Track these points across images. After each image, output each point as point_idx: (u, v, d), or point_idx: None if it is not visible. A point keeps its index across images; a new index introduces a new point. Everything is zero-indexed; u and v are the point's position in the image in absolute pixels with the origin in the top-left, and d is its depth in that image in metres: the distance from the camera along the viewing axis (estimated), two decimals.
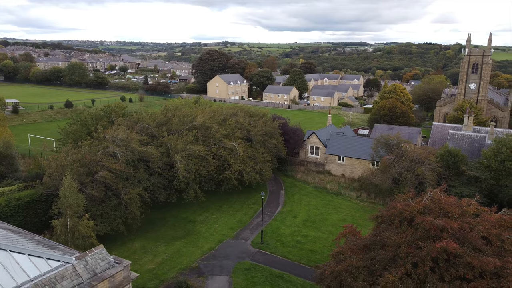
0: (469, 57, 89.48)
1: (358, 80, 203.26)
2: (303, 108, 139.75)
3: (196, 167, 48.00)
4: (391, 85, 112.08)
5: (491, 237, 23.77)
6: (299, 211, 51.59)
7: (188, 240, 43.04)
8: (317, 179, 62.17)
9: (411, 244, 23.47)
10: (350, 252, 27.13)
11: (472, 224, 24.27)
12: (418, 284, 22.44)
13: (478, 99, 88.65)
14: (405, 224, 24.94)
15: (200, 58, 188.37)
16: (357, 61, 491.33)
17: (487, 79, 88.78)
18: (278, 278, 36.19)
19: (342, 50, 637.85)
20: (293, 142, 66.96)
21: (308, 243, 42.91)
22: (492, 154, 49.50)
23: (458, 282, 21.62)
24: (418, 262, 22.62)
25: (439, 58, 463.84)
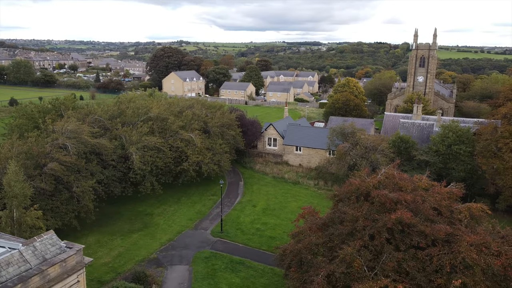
0: (416, 51, 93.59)
1: (313, 77, 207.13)
2: (260, 103, 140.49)
3: (153, 159, 46.77)
4: (345, 79, 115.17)
5: (442, 208, 24.87)
6: (258, 200, 51.66)
7: (146, 232, 41.88)
8: (276, 170, 62.59)
9: (367, 217, 24.05)
10: (309, 231, 27.41)
11: (424, 196, 25.27)
12: (375, 255, 23.04)
13: (425, 91, 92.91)
14: (362, 199, 25.56)
15: (155, 55, 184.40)
16: (311, 59, 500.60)
17: (433, 72, 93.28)
18: (239, 264, 36.02)
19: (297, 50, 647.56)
20: (251, 134, 67.01)
21: (268, 230, 43.03)
22: (440, 139, 51.93)
23: (413, 250, 22.41)
24: (375, 234, 23.24)
25: (389, 57, 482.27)
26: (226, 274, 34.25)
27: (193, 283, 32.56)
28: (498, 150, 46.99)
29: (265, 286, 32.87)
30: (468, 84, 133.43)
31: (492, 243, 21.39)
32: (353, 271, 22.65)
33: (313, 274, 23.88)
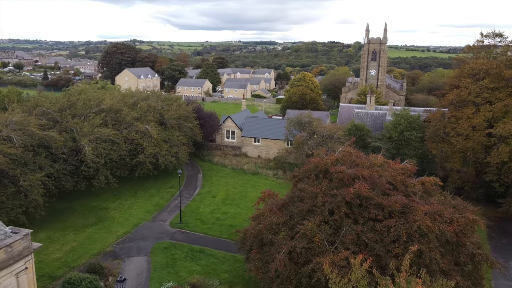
0: (368, 45, 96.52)
1: (269, 74, 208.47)
2: (218, 100, 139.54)
3: (106, 152, 45.02)
4: (300, 74, 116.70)
5: (397, 183, 25.58)
6: (217, 191, 51.11)
7: (101, 226, 40.22)
8: (234, 162, 62.27)
9: (327, 193, 24.28)
10: (269, 213, 27.35)
11: (380, 172, 25.89)
12: (335, 229, 23.32)
13: (378, 84, 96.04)
14: (321, 177, 25.79)
15: (107, 51, 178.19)
16: (267, 58, 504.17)
17: (385, 65, 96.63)
18: (199, 253, 35.40)
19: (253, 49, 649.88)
20: (209, 127, 66.25)
21: (228, 219, 42.63)
22: (392, 126, 53.72)
23: (371, 223, 22.88)
24: (334, 209, 23.50)
25: (342, 56, 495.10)
26: (186, 263, 33.52)
27: (152, 273, 31.60)
28: (446, 135, 49.21)
29: (227, 272, 32.48)
30: (417, 79, 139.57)
31: (445, 212, 22.26)
32: (314, 246, 22.82)
33: (274, 252, 23.82)
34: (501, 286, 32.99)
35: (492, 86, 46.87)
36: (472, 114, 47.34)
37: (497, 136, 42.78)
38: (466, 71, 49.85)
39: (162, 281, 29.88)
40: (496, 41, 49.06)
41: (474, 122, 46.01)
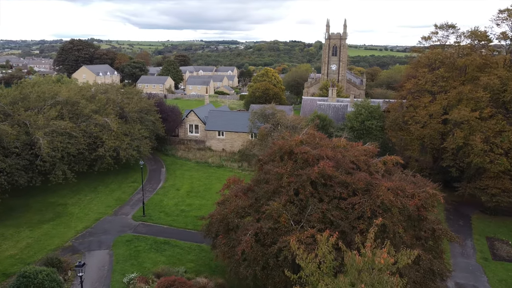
0: (329, 40, 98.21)
1: (232, 72, 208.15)
2: (180, 97, 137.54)
3: (63, 145, 43.10)
4: (263, 69, 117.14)
5: (359, 163, 25.94)
6: (182, 184, 50.22)
7: (58, 222, 38.45)
8: (199, 155, 61.48)
9: (292, 174, 24.24)
10: (235, 197, 27.04)
11: (343, 152, 26.17)
12: (301, 209, 23.34)
13: (339, 79, 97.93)
14: (286, 159, 25.72)
15: (63, 48, 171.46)
16: (230, 57, 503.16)
17: (345, 60, 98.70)
18: (164, 244, 34.57)
19: (215, 48, 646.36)
20: (172, 121, 65.03)
21: (193, 211, 41.93)
22: (354, 116, 54.82)
23: (336, 201, 23.07)
24: (299, 188, 23.51)
25: (304, 54, 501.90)
26: (150, 254, 32.61)
27: (115, 265, 30.48)
28: (405, 123, 50.72)
29: (192, 262, 31.88)
30: (376, 75, 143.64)
31: (406, 187, 22.79)
32: (280, 226, 22.76)
33: (241, 234, 23.53)
34: (459, 263, 34.31)
35: (447, 75, 48.77)
36: (429, 103, 49.04)
37: (452, 122, 44.52)
38: (422, 61, 51.62)
39: (125, 273, 28.91)
40: (449, 32, 51.06)
41: (430, 110, 47.65)
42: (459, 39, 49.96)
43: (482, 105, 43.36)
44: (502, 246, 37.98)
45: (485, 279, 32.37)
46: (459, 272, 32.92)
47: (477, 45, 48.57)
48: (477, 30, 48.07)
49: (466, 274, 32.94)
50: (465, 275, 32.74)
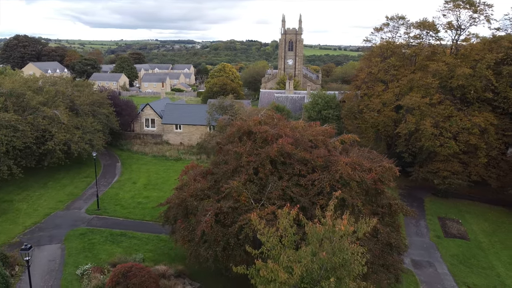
0: (285, 35, 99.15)
1: (189, 70, 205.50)
2: (135, 94, 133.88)
3: (8, 139, 40.45)
4: (220, 64, 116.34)
5: (318, 142, 26.11)
6: (138, 177, 48.70)
7: (4, 218, 36.03)
8: (156, 149, 59.95)
9: (251, 153, 23.97)
10: (193, 181, 26.41)
11: (301, 132, 26.26)
12: (261, 187, 23.11)
13: (295, 73, 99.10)
14: (245, 139, 25.41)
15: (7, 44, 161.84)
16: (186, 57, 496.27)
17: (301, 55, 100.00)
18: (121, 236, 33.26)
19: (171, 47, 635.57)
20: (126, 115, 62.96)
21: (151, 203, 40.64)
22: (311, 106, 55.53)
23: (296, 178, 23.04)
24: (259, 167, 23.28)
25: (260, 54, 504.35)
26: (106, 246, 31.23)
27: (67, 258, 28.90)
28: (360, 112, 51.99)
29: (151, 251, 30.86)
30: (331, 71, 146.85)
31: (364, 162, 23.16)
32: (240, 205, 22.43)
33: (200, 216, 22.95)
34: (414, 242, 35.49)
35: (398, 64, 50.47)
36: (382, 91, 50.52)
37: (405, 109, 46.05)
38: (375, 51, 53.15)
39: (78, 265, 27.45)
40: (399, 23, 52.86)
41: (384, 98, 49.10)
42: (408, 29, 51.83)
43: (432, 91, 45.18)
44: (453, 225, 39.74)
45: (439, 255, 33.69)
46: (415, 249, 34.05)
47: (425, 35, 50.55)
48: (426, 20, 50.04)
49: (421, 251, 34.14)
50: (420, 252, 33.92)
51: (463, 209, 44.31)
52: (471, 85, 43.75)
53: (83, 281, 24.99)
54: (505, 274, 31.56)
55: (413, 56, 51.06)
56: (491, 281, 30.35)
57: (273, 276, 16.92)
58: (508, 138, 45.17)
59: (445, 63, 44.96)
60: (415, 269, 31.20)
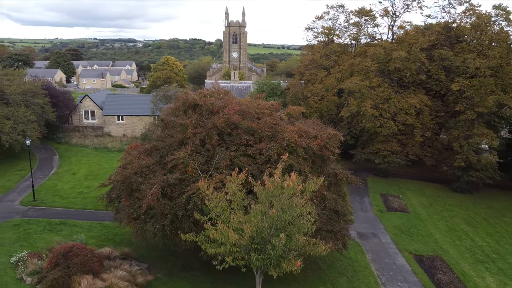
0: (229, 28, 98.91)
1: (131, 66, 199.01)
2: (73, 90, 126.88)
3: None
4: (163, 57, 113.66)
5: (264, 115, 26.14)
6: (78, 169, 46.21)
7: None
8: (97, 141, 57.24)
9: (197, 126, 23.48)
10: (138, 159, 25.40)
11: (248, 105, 26.13)
12: (208, 158, 22.70)
13: (240, 66, 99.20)
14: (190, 112, 24.85)
15: None
16: (127, 55, 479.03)
17: (245, 48, 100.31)
18: (60, 225, 31.29)
19: (111, 46, 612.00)
20: (64, 106, 59.56)
21: (92, 192, 38.66)
22: (257, 93, 55.58)
23: (243, 147, 22.88)
24: (206, 138, 22.86)
25: (204, 52, 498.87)
26: (44, 235, 29.20)
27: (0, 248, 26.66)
28: (304, 98, 53.01)
29: (94, 238, 29.29)
30: (275, 66, 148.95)
31: (310, 130, 23.50)
32: (188, 177, 21.90)
33: (146, 190, 22.07)
34: (359, 216, 36.75)
35: (339, 50, 52.07)
36: (325, 77, 51.88)
37: (347, 92, 47.54)
38: (318, 38, 54.44)
39: (12, 254, 25.38)
40: (339, 11, 54.56)
41: (326, 84, 50.39)
42: (348, 17, 53.66)
43: (371, 75, 47.05)
44: (394, 200, 41.67)
45: (382, 227, 35.15)
46: (360, 223, 35.26)
47: (364, 23, 52.56)
48: (363, 8, 52.05)
49: (366, 225, 35.44)
50: (365, 225, 35.19)
51: (402, 186, 46.61)
52: (407, 68, 46.10)
53: (18, 268, 23.12)
54: (442, 240, 33.59)
55: (353, 42, 52.90)
56: (430, 246, 32.14)
57: (223, 239, 16.68)
58: (441, 119, 48.18)
59: (383, 47, 47.02)
60: (361, 240, 32.30)
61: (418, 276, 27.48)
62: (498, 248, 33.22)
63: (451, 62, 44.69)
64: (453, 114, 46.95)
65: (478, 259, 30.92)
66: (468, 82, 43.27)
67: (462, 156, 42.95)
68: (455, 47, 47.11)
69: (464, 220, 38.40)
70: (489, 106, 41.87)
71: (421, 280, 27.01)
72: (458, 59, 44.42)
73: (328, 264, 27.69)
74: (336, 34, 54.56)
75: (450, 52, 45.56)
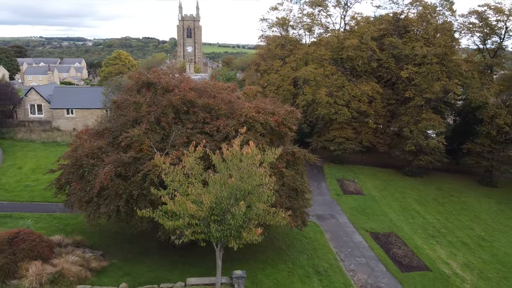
0: (183, 22, 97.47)
1: (80, 64, 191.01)
2: (18, 87, 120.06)
3: None
4: (115, 52, 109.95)
5: (221, 95, 25.80)
6: (24, 163, 43.59)
7: None
8: (45, 136, 54.31)
9: (151, 104, 22.74)
10: (89, 142, 24.23)
11: (204, 86, 25.70)
12: (164, 137, 22.06)
13: (195, 60, 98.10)
14: (144, 91, 24.04)
15: None
16: (76, 54, 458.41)
17: (200, 42, 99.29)
18: (5, 218, 29.36)
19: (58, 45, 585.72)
20: (6, 99, 55.86)
21: (40, 185, 36.44)
22: None
23: (200, 125, 22.43)
24: (161, 116, 22.21)
25: (158, 51, 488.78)
26: None
27: None
28: (264, 88, 53.12)
29: (43, 229, 27.57)
30: (230, 62, 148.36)
31: (267, 106, 23.44)
32: (143, 155, 21.15)
33: (99, 170, 21.06)
34: (317, 200, 37.21)
35: (294, 40, 52.68)
36: (280, 67, 52.29)
37: (302, 80, 48.15)
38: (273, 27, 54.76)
39: None
40: (293, 2, 55.23)
41: (282, 73, 50.82)
42: (302, 7, 54.45)
43: (325, 63, 47.94)
44: (350, 184, 42.67)
45: (339, 208, 35.88)
46: (318, 206, 35.68)
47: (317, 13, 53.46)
48: None
49: (324, 207, 36.02)
50: (323, 208, 35.75)
51: (357, 172, 47.85)
52: (359, 57, 47.36)
53: None
54: (396, 218, 34.78)
55: (307, 33, 53.68)
56: (385, 224, 33.16)
57: (182, 211, 16.18)
58: (392, 107, 49.96)
59: (336, 36, 48.04)
60: (319, 221, 32.75)
61: (375, 251, 28.24)
62: (447, 224, 34.86)
63: (400, 50, 46.44)
64: (403, 102, 48.82)
65: (429, 234, 32.27)
66: (417, 70, 45.14)
67: (413, 141, 44.74)
68: (403, 36, 49.01)
69: (415, 201, 39.99)
70: (436, 92, 43.90)
71: (377, 254, 27.77)
72: (407, 48, 46.21)
73: (288, 244, 27.83)
74: (290, 25, 55.09)
75: (400, 40, 47.32)
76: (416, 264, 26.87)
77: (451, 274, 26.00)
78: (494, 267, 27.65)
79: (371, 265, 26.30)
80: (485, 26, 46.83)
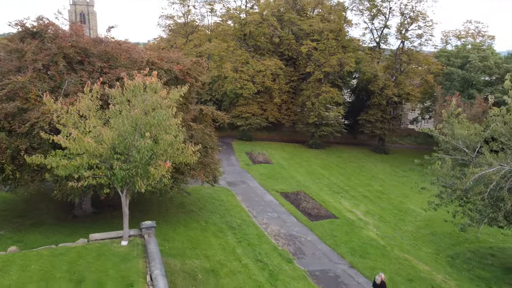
0: (75, 6, 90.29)
1: None
2: None
3: None
4: None
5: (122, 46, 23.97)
6: None
7: None
8: None
9: (38, 52, 20.23)
10: None
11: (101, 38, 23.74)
12: (55, 87, 19.80)
13: None
14: (29, 40, 21.29)
15: None
16: None
17: (96, 28, 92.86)
18: None
19: None
20: None
21: None
22: None
23: (97, 74, 20.60)
24: (51, 64, 19.92)
25: None
26: None
27: None
28: None
29: None
30: None
31: (172, 55, 22.43)
32: (30, 106, 18.73)
33: None
34: (228, 170, 36.83)
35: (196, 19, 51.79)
36: (184, 44, 51.08)
37: (206, 56, 47.56)
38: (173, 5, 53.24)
39: None
40: None
41: (185, 49, 49.56)
42: None
43: (228, 38, 47.97)
44: (258, 155, 43.23)
45: (249, 176, 36.09)
46: (228, 175, 35.43)
47: None
48: None
49: (234, 175, 35.93)
50: (233, 176, 35.63)
51: (265, 146, 48.69)
52: (261, 33, 48.24)
53: None
54: (304, 180, 36.06)
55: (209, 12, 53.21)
56: (294, 185, 34.16)
57: (79, 148, 14.56)
58: (295, 83, 51.88)
59: (238, 11, 48.33)
60: (231, 187, 32.53)
61: (286, 207, 28.86)
62: (349, 183, 37.16)
63: (299, 25, 48.31)
64: (304, 78, 50.94)
65: (334, 191, 34.04)
66: (315, 45, 47.36)
67: (315, 112, 46.89)
68: (302, 15, 51.15)
69: (320, 166, 41.96)
70: (333, 65, 46.52)
71: (288, 209, 28.40)
72: (305, 23, 48.23)
73: (199, 207, 27.13)
74: (192, 5, 54.15)
75: (298, 17, 49.26)
76: (324, 214, 28.04)
77: (356, 219, 27.63)
78: (392, 212, 30.10)
79: (283, 218, 26.79)
80: (373, 6, 50.77)
